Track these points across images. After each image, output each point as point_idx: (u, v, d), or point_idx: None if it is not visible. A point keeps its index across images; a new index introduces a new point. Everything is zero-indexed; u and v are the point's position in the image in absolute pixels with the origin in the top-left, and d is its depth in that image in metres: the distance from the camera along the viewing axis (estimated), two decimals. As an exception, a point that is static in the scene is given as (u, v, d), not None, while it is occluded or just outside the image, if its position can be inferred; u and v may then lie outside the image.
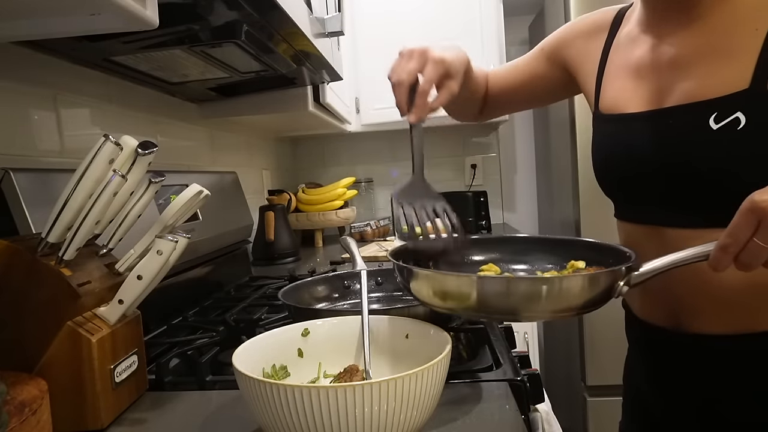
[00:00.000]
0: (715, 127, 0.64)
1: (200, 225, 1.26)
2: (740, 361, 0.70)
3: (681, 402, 0.77)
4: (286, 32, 0.99)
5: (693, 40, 0.70)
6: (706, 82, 0.67)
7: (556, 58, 0.94)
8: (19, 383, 0.56)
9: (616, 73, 0.81)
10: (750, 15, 0.65)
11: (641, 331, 0.82)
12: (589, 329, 1.99)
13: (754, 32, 0.64)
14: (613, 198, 0.84)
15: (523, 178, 2.80)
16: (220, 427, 0.64)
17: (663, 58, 0.73)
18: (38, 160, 0.92)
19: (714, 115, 0.65)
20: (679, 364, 0.76)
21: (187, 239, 0.66)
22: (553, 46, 0.95)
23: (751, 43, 0.64)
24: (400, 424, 0.51)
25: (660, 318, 0.77)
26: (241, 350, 0.60)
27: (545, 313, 0.59)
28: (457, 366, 0.75)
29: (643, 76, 0.76)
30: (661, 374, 0.79)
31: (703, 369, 0.73)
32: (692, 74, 0.69)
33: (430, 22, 2.26)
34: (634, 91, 0.77)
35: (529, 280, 0.62)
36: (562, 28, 0.95)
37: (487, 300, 0.59)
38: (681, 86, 0.70)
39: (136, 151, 0.63)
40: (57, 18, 0.62)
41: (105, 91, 1.13)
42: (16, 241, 0.63)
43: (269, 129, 2.26)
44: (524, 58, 1.01)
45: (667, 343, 0.77)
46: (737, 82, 0.64)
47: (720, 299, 0.69)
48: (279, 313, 1.04)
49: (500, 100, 1.03)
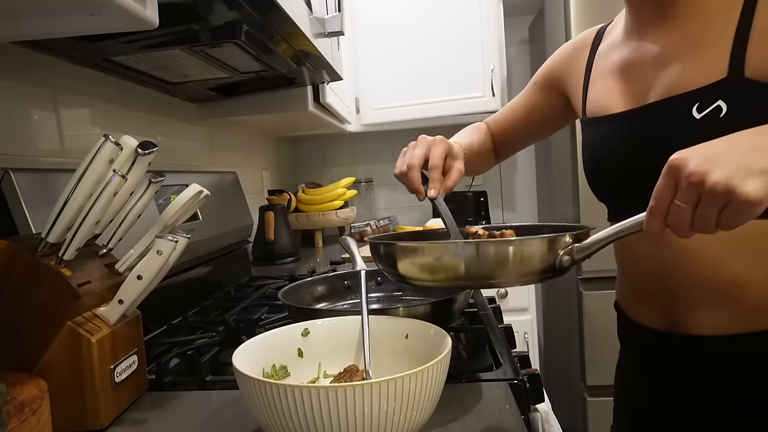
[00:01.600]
0: (698, 117, 0.66)
1: (200, 225, 1.26)
2: (732, 363, 0.70)
3: (672, 405, 0.76)
4: (286, 32, 0.99)
5: (672, 37, 0.72)
6: (686, 74, 0.69)
7: (549, 86, 0.99)
8: (19, 383, 0.56)
9: (600, 77, 0.83)
10: (720, 9, 0.68)
11: (634, 334, 0.82)
12: (589, 329, 1.99)
13: (725, 24, 0.67)
14: (606, 201, 0.84)
15: (523, 178, 2.79)
16: (220, 427, 0.64)
17: (645, 57, 0.75)
18: (38, 160, 0.92)
19: (696, 105, 0.66)
20: (671, 367, 0.76)
21: (187, 239, 0.66)
22: (544, 76, 1.00)
23: (723, 35, 0.67)
24: (400, 424, 0.51)
25: (653, 320, 0.77)
26: (241, 350, 0.60)
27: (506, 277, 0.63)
28: (457, 366, 0.75)
29: (626, 77, 0.78)
30: (653, 377, 0.79)
31: (695, 372, 0.73)
32: (673, 69, 0.71)
33: (430, 22, 2.26)
34: (618, 91, 0.79)
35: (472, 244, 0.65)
36: (550, 59, 1.00)
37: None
38: (662, 81, 0.72)
39: (136, 151, 0.63)
40: (57, 18, 0.62)
41: (105, 91, 1.13)
42: (16, 241, 0.63)
43: (269, 129, 2.26)
44: (520, 97, 1.06)
45: (660, 345, 0.77)
46: (716, 72, 0.66)
47: (714, 297, 0.69)
48: (279, 313, 1.04)
49: (508, 143, 1.09)
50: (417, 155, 0.81)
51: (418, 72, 2.29)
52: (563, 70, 0.95)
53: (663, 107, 0.71)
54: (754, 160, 0.46)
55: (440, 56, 2.27)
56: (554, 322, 2.53)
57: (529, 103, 1.03)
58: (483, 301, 1.13)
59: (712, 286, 0.69)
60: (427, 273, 0.65)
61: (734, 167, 0.46)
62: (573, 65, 0.92)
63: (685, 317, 0.73)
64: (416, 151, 0.82)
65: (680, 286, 0.72)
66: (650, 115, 0.72)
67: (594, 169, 0.82)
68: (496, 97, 2.25)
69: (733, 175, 0.46)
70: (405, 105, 2.30)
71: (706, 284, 0.70)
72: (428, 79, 2.29)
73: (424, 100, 2.29)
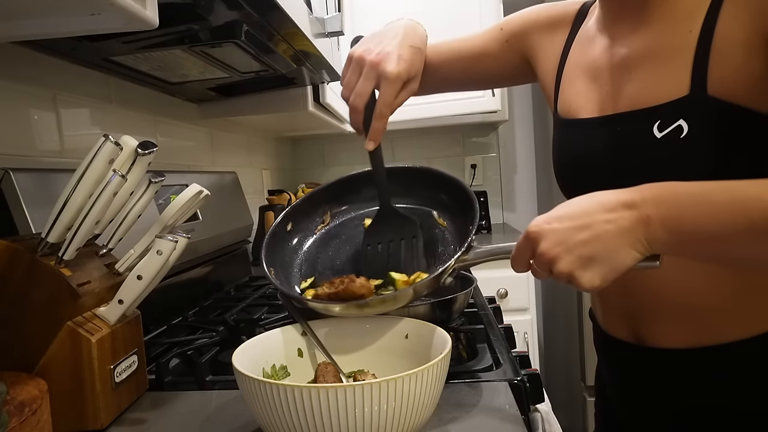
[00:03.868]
0: (659, 136, 0.63)
1: (200, 225, 1.26)
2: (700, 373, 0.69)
3: (647, 412, 0.76)
4: (286, 32, 0.99)
5: (639, 43, 0.69)
6: (649, 87, 0.66)
7: (516, 44, 0.88)
8: (19, 383, 0.56)
9: (572, 74, 0.79)
10: (685, 16, 0.64)
11: (605, 343, 0.82)
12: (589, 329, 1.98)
13: (688, 33, 0.63)
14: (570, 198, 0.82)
15: (523, 178, 2.79)
16: (220, 427, 0.64)
17: (614, 60, 0.72)
18: (38, 160, 0.92)
19: (657, 123, 0.63)
20: (643, 377, 0.75)
21: (187, 239, 0.66)
22: (514, 31, 0.88)
23: (685, 45, 0.63)
24: (400, 424, 0.51)
25: (621, 331, 0.76)
26: (240, 350, 0.60)
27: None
28: (457, 366, 0.75)
29: (595, 79, 0.74)
30: (627, 386, 0.79)
31: (666, 381, 0.72)
32: (637, 78, 0.68)
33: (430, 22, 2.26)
34: (587, 94, 0.75)
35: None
36: (526, 13, 0.88)
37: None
38: (628, 91, 0.69)
39: (136, 151, 0.63)
40: (57, 18, 0.61)
41: (105, 91, 1.12)
42: (16, 241, 0.63)
43: (269, 129, 2.26)
44: (477, 37, 0.92)
45: (630, 357, 0.76)
46: (677, 88, 0.63)
47: (678, 312, 0.69)
48: (279, 313, 1.04)
49: (436, 78, 0.93)
50: (362, 93, 0.72)
51: (418, 72, 2.29)
52: (537, 42, 0.86)
53: (627, 121, 0.68)
54: (594, 248, 0.54)
55: (440, 56, 2.27)
56: (554, 322, 2.53)
57: (488, 48, 0.90)
58: (483, 301, 1.13)
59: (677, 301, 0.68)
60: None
61: (576, 256, 0.54)
62: (549, 43, 0.84)
63: (650, 331, 0.72)
64: (364, 86, 0.72)
65: (644, 303, 0.71)
66: (615, 126, 0.69)
67: (562, 171, 0.80)
68: (496, 97, 2.25)
69: (575, 267, 0.54)
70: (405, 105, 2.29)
71: (669, 301, 0.69)
72: (428, 79, 2.29)
73: (423, 100, 2.28)
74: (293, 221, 0.84)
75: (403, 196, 0.83)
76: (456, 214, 0.79)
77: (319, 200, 0.87)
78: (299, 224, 0.84)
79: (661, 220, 0.53)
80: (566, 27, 0.83)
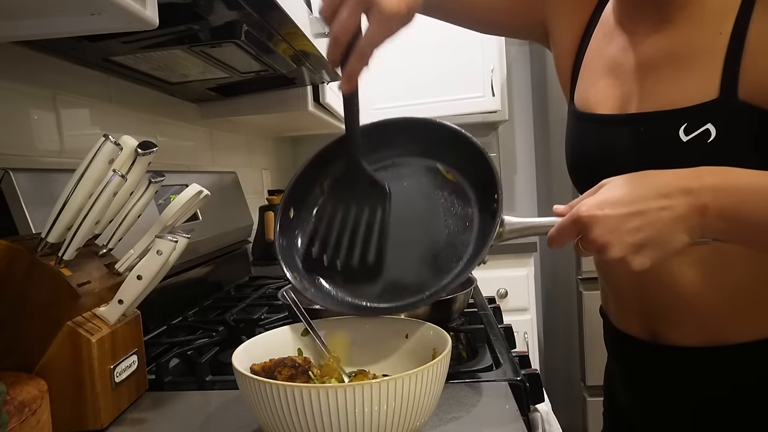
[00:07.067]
0: (685, 139, 0.62)
1: (200, 225, 1.26)
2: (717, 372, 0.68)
3: (659, 410, 0.76)
4: (286, 32, 0.99)
5: (664, 43, 0.67)
6: (675, 89, 0.64)
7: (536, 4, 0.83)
8: (19, 383, 0.56)
9: (592, 66, 0.77)
10: (714, 17, 0.62)
11: (618, 341, 0.81)
12: (589, 329, 1.99)
13: (718, 36, 0.61)
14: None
15: (523, 178, 2.79)
16: (220, 427, 0.64)
17: (637, 58, 0.70)
18: (38, 160, 0.92)
19: (684, 126, 0.62)
20: (658, 375, 0.75)
21: (187, 239, 0.66)
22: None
23: (715, 47, 0.61)
24: (400, 424, 0.51)
25: (636, 329, 0.76)
26: (240, 350, 0.60)
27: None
28: (457, 366, 0.75)
29: (617, 76, 0.73)
30: (638, 383, 0.78)
31: (682, 379, 0.72)
32: (662, 79, 0.66)
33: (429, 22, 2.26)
34: (606, 90, 0.74)
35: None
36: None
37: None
38: (652, 91, 0.67)
39: (135, 151, 0.63)
40: (57, 18, 0.62)
41: (105, 91, 1.12)
42: (16, 241, 0.63)
43: (269, 129, 2.26)
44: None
45: (643, 353, 0.76)
46: (706, 91, 0.61)
47: (695, 310, 0.68)
48: (279, 313, 1.04)
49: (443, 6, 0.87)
50: (347, 28, 0.60)
51: (418, 72, 2.29)
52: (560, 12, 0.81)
53: (651, 121, 0.66)
54: (648, 235, 0.53)
55: (440, 56, 2.27)
56: (554, 322, 2.53)
57: (504, 2, 0.86)
58: (483, 301, 1.13)
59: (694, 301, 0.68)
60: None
61: (629, 243, 0.54)
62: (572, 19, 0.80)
63: (666, 330, 0.72)
64: (351, 21, 0.59)
65: (662, 300, 0.71)
66: (639, 126, 0.68)
67: (578, 167, 0.79)
68: (496, 97, 2.25)
69: (627, 253, 0.54)
70: (405, 105, 2.30)
71: (687, 299, 0.68)
72: (428, 79, 2.29)
73: (424, 100, 2.29)
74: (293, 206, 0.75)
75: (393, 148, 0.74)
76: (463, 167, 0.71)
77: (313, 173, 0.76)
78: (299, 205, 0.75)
79: (719, 209, 0.53)
80: (590, 6, 0.79)
